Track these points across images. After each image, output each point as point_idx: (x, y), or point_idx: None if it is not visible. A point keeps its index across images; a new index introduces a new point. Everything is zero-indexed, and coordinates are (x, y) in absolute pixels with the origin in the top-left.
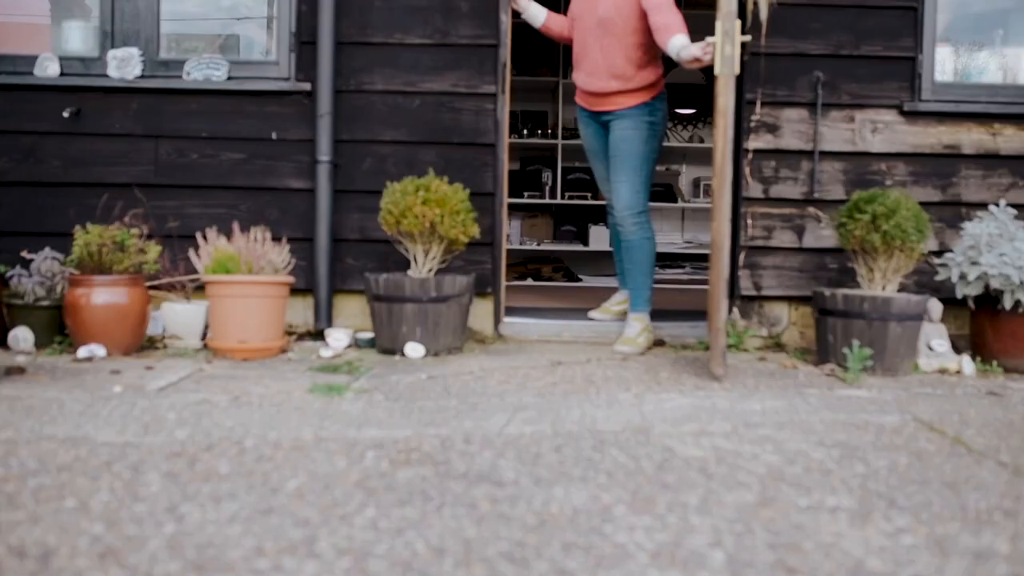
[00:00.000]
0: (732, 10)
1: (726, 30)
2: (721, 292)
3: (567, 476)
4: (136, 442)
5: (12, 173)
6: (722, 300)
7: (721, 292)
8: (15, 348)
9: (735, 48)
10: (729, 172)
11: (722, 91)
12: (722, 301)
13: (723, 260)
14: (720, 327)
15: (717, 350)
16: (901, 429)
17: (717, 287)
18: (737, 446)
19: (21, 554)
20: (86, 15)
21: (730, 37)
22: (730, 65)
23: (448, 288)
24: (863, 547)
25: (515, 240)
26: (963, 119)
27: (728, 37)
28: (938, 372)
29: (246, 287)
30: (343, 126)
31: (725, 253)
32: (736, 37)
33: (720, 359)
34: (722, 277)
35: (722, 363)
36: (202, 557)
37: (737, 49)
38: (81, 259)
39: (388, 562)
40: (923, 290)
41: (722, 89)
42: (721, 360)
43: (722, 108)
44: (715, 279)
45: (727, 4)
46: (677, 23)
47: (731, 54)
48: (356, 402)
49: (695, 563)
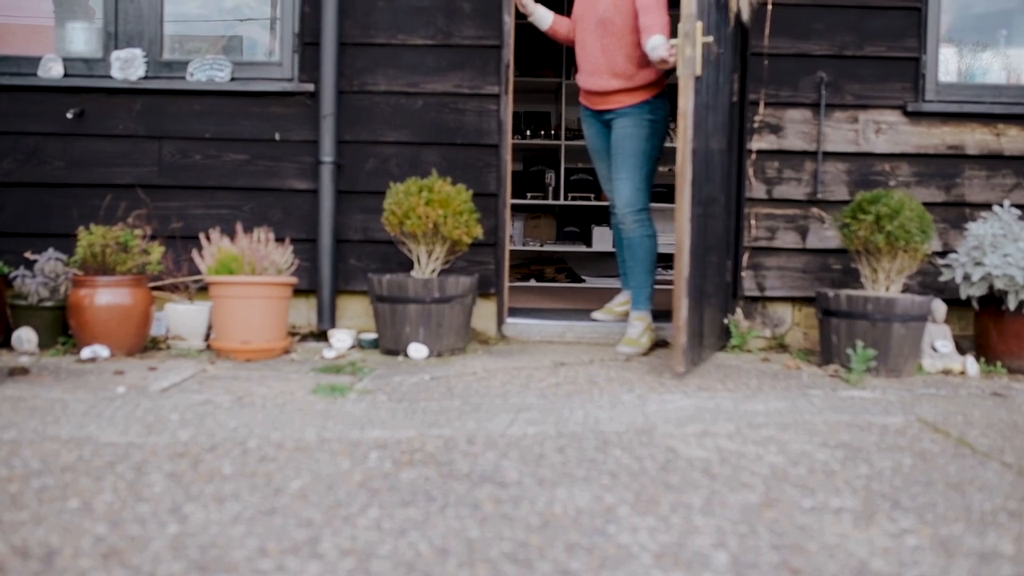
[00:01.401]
0: (692, 12)
1: (686, 32)
2: (682, 291)
3: (570, 477)
4: (139, 443)
5: (16, 174)
6: (683, 299)
7: (682, 291)
8: (19, 349)
9: (696, 50)
10: (689, 173)
11: (682, 93)
12: (683, 300)
13: (684, 259)
14: (681, 325)
15: (678, 348)
16: (905, 430)
17: (678, 286)
18: (741, 447)
19: (25, 554)
20: (90, 16)
21: (690, 39)
22: (690, 67)
23: (451, 289)
24: (867, 548)
25: (518, 241)
26: (967, 120)
27: (688, 39)
28: (942, 373)
29: (249, 288)
30: (346, 127)
31: (686, 252)
32: (697, 39)
33: (681, 357)
34: (683, 276)
35: (683, 361)
36: (205, 557)
37: (698, 51)
38: (85, 260)
39: (392, 562)
40: (927, 291)
41: (682, 91)
42: (682, 358)
43: (683, 110)
44: (676, 278)
45: (687, 6)
46: (659, 24)
47: (691, 55)
48: (359, 403)
49: (699, 564)
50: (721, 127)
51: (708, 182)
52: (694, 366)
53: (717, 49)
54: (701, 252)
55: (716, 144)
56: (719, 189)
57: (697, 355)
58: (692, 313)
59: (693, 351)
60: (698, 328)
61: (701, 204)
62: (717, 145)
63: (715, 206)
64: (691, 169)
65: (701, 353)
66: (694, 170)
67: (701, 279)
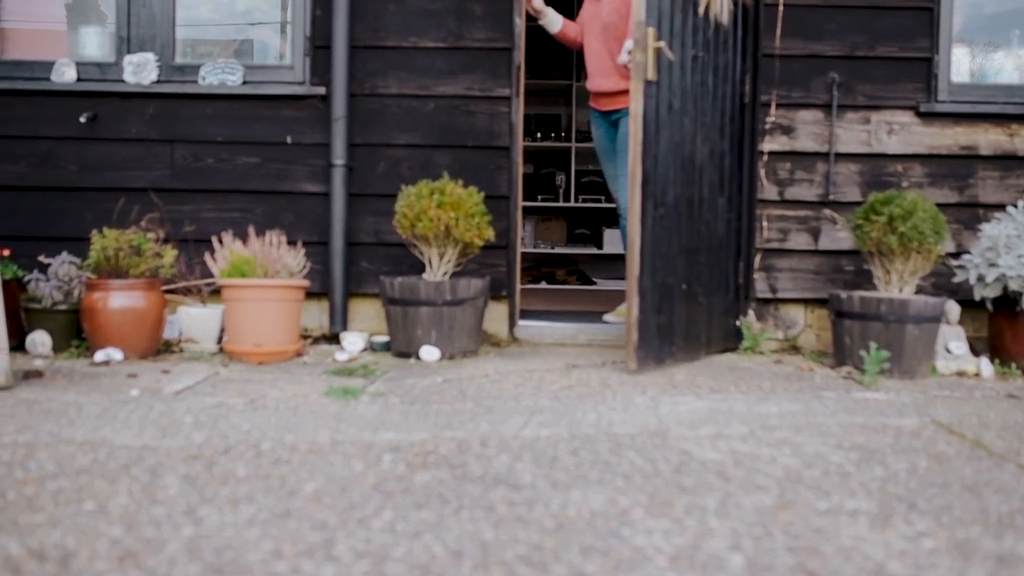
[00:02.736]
0: (641, 19)
1: (636, 39)
2: (632, 289)
3: (584, 479)
4: (154, 445)
5: (30, 178)
6: (633, 297)
7: (632, 289)
8: (33, 352)
9: (647, 56)
10: (639, 175)
11: (634, 97)
12: (633, 298)
13: (635, 259)
14: (632, 323)
15: (631, 345)
16: (920, 432)
17: (629, 285)
18: (754, 449)
19: (41, 556)
20: (102, 21)
21: (640, 45)
22: (641, 72)
23: (463, 291)
24: (884, 551)
25: (529, 243)
26: (980, 120)
27: (639, 45)
28: (956, 375)
29: (261, 291)
30: (357, 130)
31: (636, 252)
32: (648, 45)
33: (633, 353)
34: (633, 275)
35: (635, 358)
36: (220, 560)
37: (650, 56)
38: (98, 263)
39: (406, 565)
40: (940, 292)
41: (634, 95)
42: (634, 355)
43: (634, 113)
44: (628, 277)
45: (637, 13)
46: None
47: (642, 61)
48: (372, 405)
49: (714, 567)
50: (715, 128)
51: (689, 184)
52: (661, 364)
53: (697, 52)
54: (672, 253)
55: (704, 146)
56: (714, 191)
57: (687, 354)
58: (645, 312)
59: (648, 349)
60: (665, 327)
61: (665, 205)
62: (706, 147)
63: (704, 208)
64: (641, 171)
65: (696, 352)
66: (645, 172)
67: (672, 279)
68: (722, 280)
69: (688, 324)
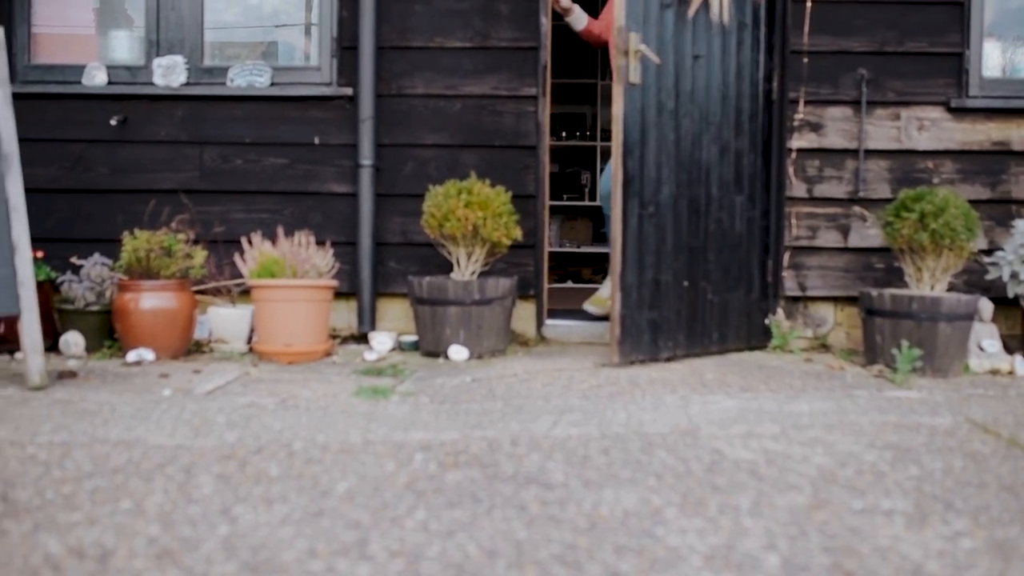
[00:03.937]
0: (622, 25)
1: (617, 43)
2: (616, 286)
3: (616, 478)
4: (187, 445)
5: (61, 181)
6: (616, 293)
7: (616, 286)
8: (66, 352)
9: (629, 60)
10: (621, 175)
11: (615, 100)
12: (616, 295)
13: (616, 257)
14: (615, 318)
15: (614, 339)
16: (954, 431)
17: (612, 282)
18: (786, 448)
19: (80, 554)
20: (131, 25)
21: (621, 50)
22: (624, 75)
23: (491, 291)
24: (921, 551)
25: (554, 242)
26: (1013, 115)
27: (619, 50)
28: (989, 373)
29: (291, 291)
30: (385, 130)
31: (618, 251)
32: (630, 49)
33: (616, 347)
34: (616, 272)
35: (617, 352)
36: (256, 559)
37: (632, 60)
38: (129, 264)
39: (440, 564)
40: (973, 289)
41: (615, 98)
42: (617, 348)
43: (615, 115)
44: (611, 275)
45: (618, 19)
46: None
47: (624, 65)
48: (402, 405)
49: (750, 566)
50: (728, 128)
51: (690, 183)
52: (654, 358)
53: (699, 53)
54: (666, 250)
55: (712, 146)
56: (727, 189)
57: (689, 350)
58: (629, 308)
59: (633, 344)
60: (657, 322)
61: (656, 204)
62: (715, 147)
63: (713, 206)
64: (623, 171)
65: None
66: (627, 172)
67: (668, 276)
68: (742, 277)
69: (691, 320)
